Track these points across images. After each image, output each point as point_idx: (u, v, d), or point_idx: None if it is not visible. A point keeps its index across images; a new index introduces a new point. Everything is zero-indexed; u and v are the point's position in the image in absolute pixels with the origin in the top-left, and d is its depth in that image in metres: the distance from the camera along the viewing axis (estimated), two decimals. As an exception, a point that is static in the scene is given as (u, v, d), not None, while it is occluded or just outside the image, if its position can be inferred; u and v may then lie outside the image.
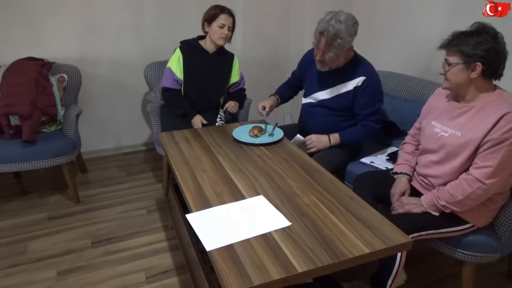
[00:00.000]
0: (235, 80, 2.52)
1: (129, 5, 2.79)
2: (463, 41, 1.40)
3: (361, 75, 1.97)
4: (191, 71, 2.37)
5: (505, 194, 1.53)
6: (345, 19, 1.82)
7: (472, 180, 1.41)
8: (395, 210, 1.58)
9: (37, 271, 1.90)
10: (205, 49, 2.37)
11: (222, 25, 2.26)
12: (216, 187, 1.54)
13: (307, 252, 1.16)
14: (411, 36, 2.65)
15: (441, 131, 1.55)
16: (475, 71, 1.40)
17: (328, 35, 1.82)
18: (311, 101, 2.14)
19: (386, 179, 1.76)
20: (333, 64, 1.96)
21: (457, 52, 1.41)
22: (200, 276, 1.53)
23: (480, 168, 1.40)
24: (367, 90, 1.96)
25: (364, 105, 1.99)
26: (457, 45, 1.41)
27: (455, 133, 1.50)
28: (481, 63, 1.38)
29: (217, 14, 2.26)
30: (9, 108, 2.16)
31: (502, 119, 1.35)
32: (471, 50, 1.37)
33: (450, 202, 1.45)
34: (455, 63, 1.42)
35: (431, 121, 1.62)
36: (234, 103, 2.44)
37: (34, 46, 2.64)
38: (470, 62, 1.39)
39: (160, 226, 2.26)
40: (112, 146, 3.20)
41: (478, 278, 1.76)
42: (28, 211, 2.39)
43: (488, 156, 1.38)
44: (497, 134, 1.36)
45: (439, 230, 1.52)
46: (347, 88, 2.00)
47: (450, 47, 1.44)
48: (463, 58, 1.40)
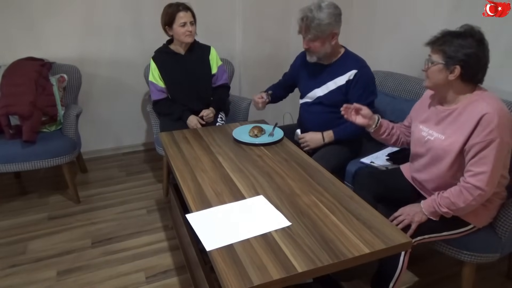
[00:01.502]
0: (213, 72, 2.47)
1: (129, 5, 2.79)
2: (447, 41, 1.40)
3: (353, 68, 1.99)
4: (169, 77, 2.36)
5: (502, 193, 1.53)
6: (326, 5, 1.88)
7: (471, 188, 1.40)
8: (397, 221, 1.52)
9: (37, 271, 1.90)
10: (176, 52, 2.36)
11: (183, 23, 2.22)
12: (216, 187, 1.54)
13: (307, 252, 1.16)
14: (411, 36, 2.65)
15: (428, 135, 1.56)
16: (453, 73, 1.40)
17: (308, 19, 1.88)
18: (308, 100, 2.17)
19: (386, 179, 1.76)
20: (319, 52, 1.97)
21: (440, 51, 1.41)
22: (200, 276, 1.53)
23: (476, 175, 1.38)
24: (360, 83, 1.98)
25: (358, 98, 1.99)
26: (441, 44, 1.41)
27: (440, 136, 1.51)
28: (460, 66, 1.38)
29: (173, 14, 2.22)
30: (9, 108, 2.16)
31: (481, 121, 1.35)
32: (453, 52, 1.38)
33: (452, 209, 1.44)
34: (436, 62, 1.43)
35: (419, 125, 1.63)
36: (209, 111, 2.35)
37: (34, 46, 2.64)
38: (450, 64, 1.39)
39: (160, 226, 2.26)
40: (112, 146, 3.20)
41: (478, 278, 1.76)
42: (28, 211, 2.39)
43: (481, 162, 1.37)
44: (480, 137, 1.35)
45: (441, 234, 1.52)
46: (339, 82, 2.02)
47: (434, 45, 1.44)
48: (444, 59, 1.40)
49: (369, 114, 1.70)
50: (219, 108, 2.48)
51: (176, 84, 2.38)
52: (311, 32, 1.90)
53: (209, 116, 2.35)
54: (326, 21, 1.86)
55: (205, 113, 2.34)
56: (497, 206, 1.54)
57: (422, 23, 2.54)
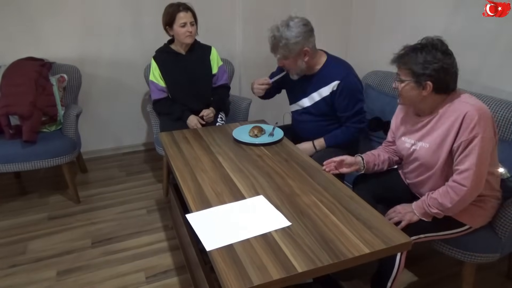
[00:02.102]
0: (214, 72, 2.48)
1: (129, 5, 2.79)
2: (412, 59, 1.40)
3: (335, 79, 1.95)
4: (170, 77, 2.36)
5: (496, 193, 1.54)
6: (294, 24, 1.84)
7: (456, 187, 1.40)
8: (389, 217, 1.55)
9: (37, 271, 1.90)
10: (177, 51, 2.36)
11: (183, 24, 2.22)
12: (216, 187, 1.54)
13: (307, 252, 1.16)
14: (411, 36, 2.64)
15: (412, 146, 1.57)
16: (425, 89, 1.41)
17: (275, 39, 1.86)
18: (298, 108, 2.15)
19: (386, 179, 1.76)
20: (294, 69, 1.96)
21: (407, 69, 1.42)
22: (200, 276, 1.53)
23: (461, 173, 1.39)
24: (344, 93, 1.95)
25: (344, 108, 1.99)
26: (406, 63, 1.42)
27: (424, 145, 1.51)
28: (431, 81, 1.39)
29: (174, 15, 2.21)
30: (9, 108, 2.16)
31: (464, 120, 1.36)
32: (421, 70, 1.38)
33: (441, 209, 1.45)
34: (406, 81, 1.43)
35: (401, 138, 1.64)
36: (209, 111, 2.37)
37: (34, 46, 2.64)
38: (421, 81, 1.40)
39: (160, 226, 2.26)
40: (112, 146, 3.20)
41: (478, 278, 1.75)
42: (28, 211, 2.39)
43: (464, 159, 1.38)
44: (465, 135, 1.36)
45: (438, 233, 1.53)
46: (324, 93, 1.99)
47: (400, 64, 1.45)
48: (413, 77, 1.41)
49: (352, 160, 1.69)
50: (219, 108, 2.48)
51: (177, 84, 2.38)
52: (279, 52, 1.88)
53: (209, 116, 2.35)
54: (293, 40, 1.83)
55: (205, 113, 2.34)
56: (493, 206, 1.54)
57: (422, 23, 2.54)
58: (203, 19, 2.58)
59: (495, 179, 1.51)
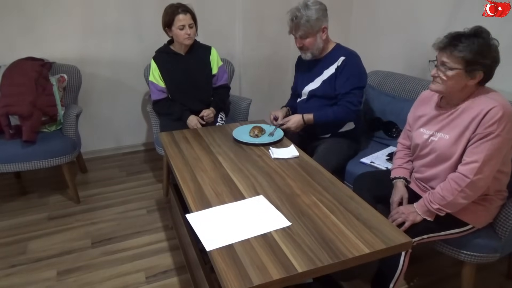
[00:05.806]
0: (214, 72, 2.47)
1: (129, 5, 2.79)
2: (466, 47, 1.33)
3: (341, 56, 2.05)
4: (170, 77, 2.36)
5: (503, 193, 1.53)
6: (312, 3, 1.98)
7: (459, 177, 1.39)
8: (392, 219, 1.54)
9: (37, 271, 1.90)
10: (177, 52, 2.36)
11: (182, 27, 2.21)
12: (216, 187, 1.54)
13: (307, 252, 1.16)
14: (411, 36, 2.65)
15: (430, 136, 1.55)
16: (474, 79, 1.37)
17: (297, 18, 1.97)
18: (304, 98, 2.21)
19: (386, 179, 1.76)
20: (312, 47, 2.05)
21: (459, 57, 1.35)
22: (200, 276, 1.53)
23: (467, 164, 1.38)
24: (346, 69, 2.03)
25: (342, 84, 2.04)
26: (461, 50, 1.34)
27: (444, 136, 1.49)
28: (483, 72, 1.36)
29: (173, 17, 2.21)
30: (9, 108, 2.16)
31: (488, 114, 1.34)
32: (478, 58, 1.32)
33: (442, 204, 1.43)
34: (456, 69, 1.36)
35: (419, 129, 1.61)
36: (209, 111, 2.36)
37: (34, 46, 2.64)
38: (473, 70, 1.35)
39: (160, 226, 2.26)
40: (112, 146, 3.19)
41: (478, 278, 1.75)
42: (28, 211, 2.39)
43: (474, 151, 1.37)
44: (481, 129, 1.35)
45: (440, 233, 1.52)
46: (331, 71, 2.07)
47: (451, 51, 1.36)
48: (466, 65, 1.35)
49: (405, 191, 1.63)
50: (219, 108, 2.48)
51: (177, 84, 2.38)
52: (301, 29, 1.99)
53: (209, 116, 2.35)
54: (315, 17, 1.96)
55: (206, 113, 2.34)
56: (497, 206, 1.54)
57: (422, 23, 2.54)
58: (203, 19, 2.59)
59: (504, 177, 1.49)
